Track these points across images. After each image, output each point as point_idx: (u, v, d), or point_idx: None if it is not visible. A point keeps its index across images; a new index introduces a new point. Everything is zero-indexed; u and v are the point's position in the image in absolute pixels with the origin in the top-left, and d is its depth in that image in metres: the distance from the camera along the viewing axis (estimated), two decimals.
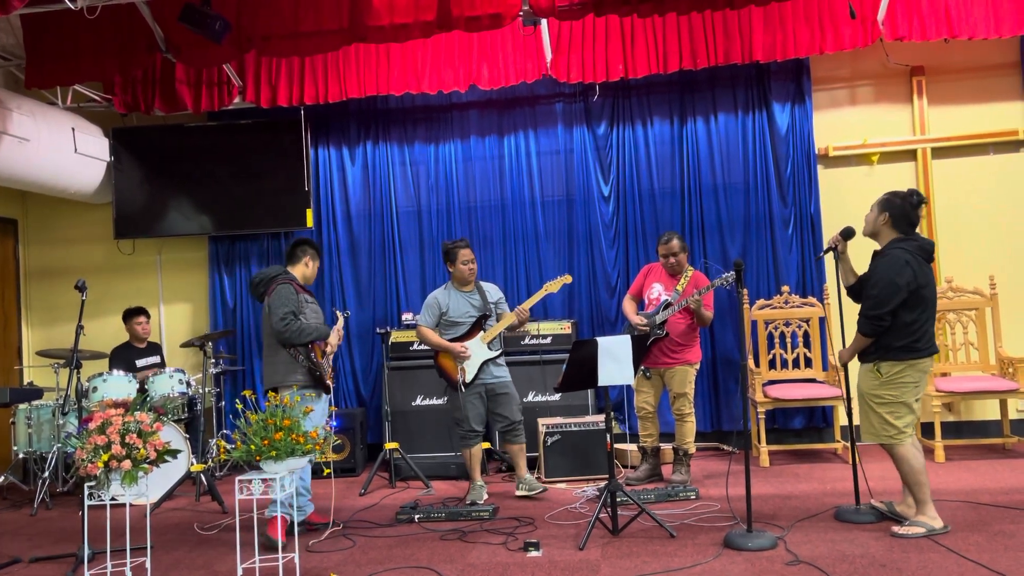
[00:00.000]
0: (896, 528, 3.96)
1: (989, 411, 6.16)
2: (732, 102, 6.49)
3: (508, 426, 5.11)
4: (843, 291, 4.34)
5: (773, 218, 6.38)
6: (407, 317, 6.43)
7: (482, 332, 5.07)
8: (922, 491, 3.94)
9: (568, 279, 5.22)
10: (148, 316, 6.49)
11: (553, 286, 5.14)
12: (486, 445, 5.72)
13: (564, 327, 6.26)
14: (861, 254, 4.26)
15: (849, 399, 4.41)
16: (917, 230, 4.10)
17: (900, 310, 3.90)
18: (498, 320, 5.16)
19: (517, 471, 5.18)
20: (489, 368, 5.08)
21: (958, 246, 6.29)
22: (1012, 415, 5.94)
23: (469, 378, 5.03)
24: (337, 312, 5.03)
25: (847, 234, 4.26)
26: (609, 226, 6.61)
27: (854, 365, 4.47)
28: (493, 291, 5.33)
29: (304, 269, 4.75)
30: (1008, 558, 3.52)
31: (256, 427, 3.63)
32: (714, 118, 6.51)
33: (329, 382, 4.57)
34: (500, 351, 5.13)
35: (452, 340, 5.09)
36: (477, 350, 5.06)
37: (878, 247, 4.12)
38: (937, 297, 4.09)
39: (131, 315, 6.40)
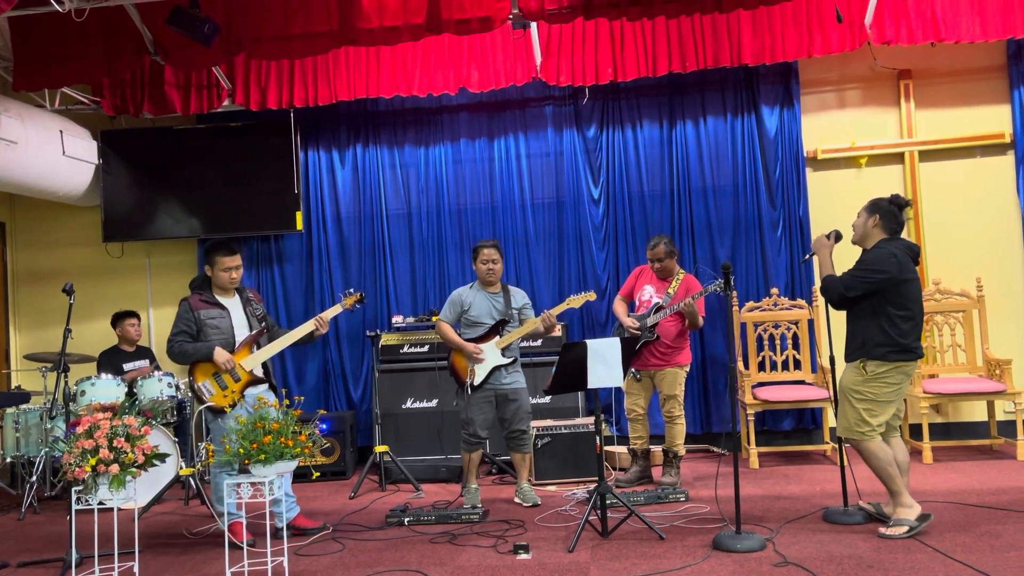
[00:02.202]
0: (882, 529, 3.98)
1: (977, 412, 6.20)
2: (721, 105, 6.52)
3: (511, 433, 5.07)
4: None
5: (762, 220, 6.41)
6: (397, 320, 6.42)
7: (498, 337, 5.01)
8: (894, 482, 3.99)
9: (592, 296, 5.07)
10: (139, 318, 6.46)
11: (576, 301, 5.01)
12: None
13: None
14: (847, 263, 4.27)
15: (836, 400, 4.42)
16: (903, 234, 4.14)
17: (888, 307, 3.93)
18: (521, 325, 5.07)
19: (518, 479, 5.16)
20: (501, 374, 5.00)
21: (945, 248, 6.32)
22: (999, 416, 5.97)
23: (477, 381, 4.96)
24: (344, 294, 4.71)
25: (836, 236, 4.28)
26: (599, 228, 6.63)
27: (842, 366, 4.47)
28: (519, 296, 5.19)
29: (216, 278, 4.48)
30: (994, 558, 3.54)
31: (244, 430, 3.62)
32: (703, 121, 6.53)
33: (212, 403, 4.34)
34: (514, 359, 5.02)
35: (469, 341, 5.03)
36: (490, 354, 4.98)
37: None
38: (923, 299, 4.12)
39: (122, 317, 6.37)
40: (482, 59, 6.04)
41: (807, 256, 4.51)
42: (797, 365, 6.14)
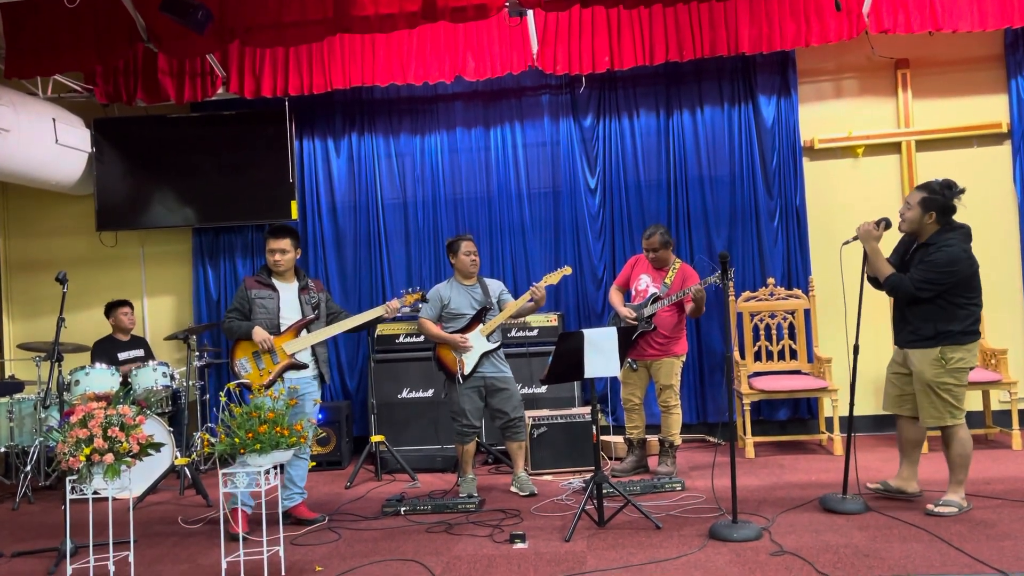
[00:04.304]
0: (930, 506, 4.09)
1: (972, 402, 6.16)
2: (718, 94, 6.50)
3: (507, 422, 5.07)
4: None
5: (759, 210, 6.40)
6: None
7: (482, 325, 5.03)
8: (966, 472, 4.13)
9: (568, 271, 5.13)
10: (132, 307, 6.43)
11: (553, 277, 5.06)
12: None
13: (550, 319, 6.26)
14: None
15: (853, 387, 4.37)
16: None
17: (959, 298, 4.05)
18: (501, 312, 5.10)
19: (514, 468, 5.16)
20: (489, 361, 5.02)
21: None
22: (994, 406, 5.99)
23: (467, 370, 4.97)
24: (406, 291, 4.86)
25: (886, 225, 4.25)
26: (595, 218, 6.61)
27: (863, 355, 4.38)
28: (496, 286, 5.26)
29: (267, 260, 4.68)
30: (989, 547, 3.55)
31: (240, 420, 3.61)
32: (700, 110, 6.51)
33: (247, 380, 4.45)
34: (499, 343, 5.07)
35: (453, 333, 5.04)
36: (476, 342, 5.00)
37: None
38: None
39: (115, 307, 6.34)
40: (478, 47, 6.00)
41: (849, 240, 4.40)
42: (793, 355, 6.14)
